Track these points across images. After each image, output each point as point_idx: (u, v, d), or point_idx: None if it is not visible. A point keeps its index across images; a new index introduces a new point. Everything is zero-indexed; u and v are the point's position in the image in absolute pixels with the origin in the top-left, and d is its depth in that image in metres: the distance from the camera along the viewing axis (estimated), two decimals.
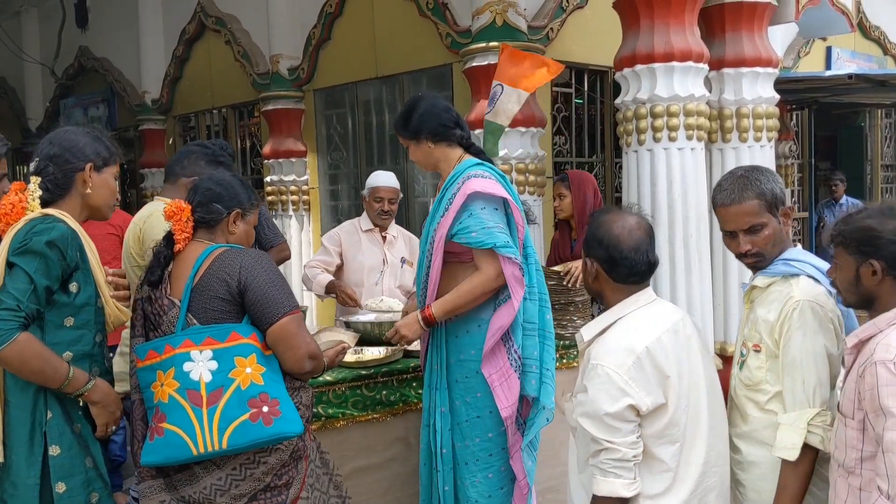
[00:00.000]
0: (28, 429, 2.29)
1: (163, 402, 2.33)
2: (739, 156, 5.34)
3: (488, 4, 5.55)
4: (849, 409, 2.07)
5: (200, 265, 2.41)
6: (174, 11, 8.71)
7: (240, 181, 2.62)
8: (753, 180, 2.47)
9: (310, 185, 7.49)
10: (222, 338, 2.33)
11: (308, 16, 7.13)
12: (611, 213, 2.43)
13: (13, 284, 2.23)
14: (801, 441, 2.27)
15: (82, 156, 2.44)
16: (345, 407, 3.17)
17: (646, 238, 2.38)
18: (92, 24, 10.07)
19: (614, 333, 2.32)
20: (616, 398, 2.20)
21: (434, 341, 3.09)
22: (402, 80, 6.56)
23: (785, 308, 2.35)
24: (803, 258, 2.42)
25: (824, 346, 2.31)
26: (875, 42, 9.18)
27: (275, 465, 2.38)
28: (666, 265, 5.01)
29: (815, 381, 2.31)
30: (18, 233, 2.28)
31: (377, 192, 4.58)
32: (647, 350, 2.24)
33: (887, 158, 9.96)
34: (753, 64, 5.32)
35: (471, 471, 3.00)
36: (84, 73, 10.32)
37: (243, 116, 8.47)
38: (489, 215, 2.94)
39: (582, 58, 6.21)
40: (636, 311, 2.35)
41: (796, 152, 8.31)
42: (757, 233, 2.45)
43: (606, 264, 2.35)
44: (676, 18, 4.87)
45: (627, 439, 2.21)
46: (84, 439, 2.37)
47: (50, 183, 2.40)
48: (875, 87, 6.51)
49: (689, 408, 2.29)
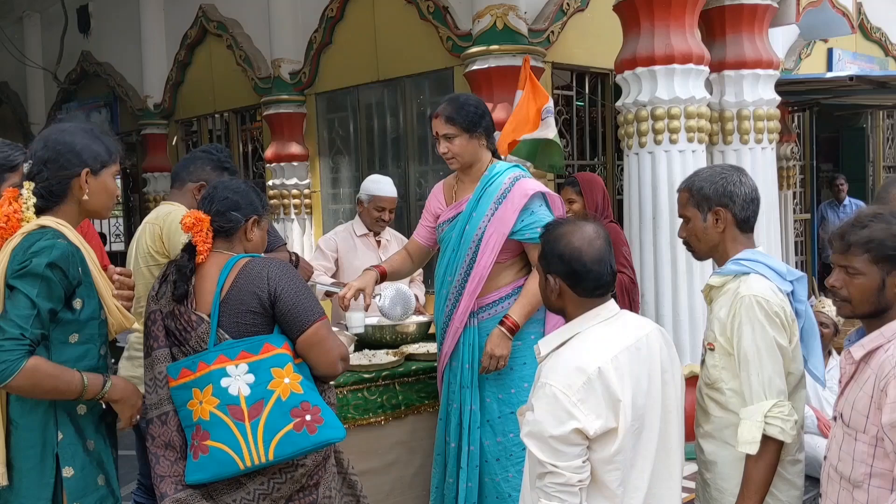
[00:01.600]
0: (39, 451, 2.20)
1: (203, 420, 2.31)
2: (741, 157, 5.35)
3: (489, 8, 5.56)
4: (860, 423, 2.02)
5: (226, 278, 2.39)
6: (176, 16, 8.73)
7: (252, 187, 2.61)
8: (697, 175, 2.53)
9: (311, 188, 7.50)
10: (256, 350, 2.33)
11: (309, 20, 7.15)
12: (566, 224, 2.30)
13: (15, 311, 2.13)
14: (759, 434, 2.28)
15: (78, 160, 2.29)
16: (347, 410, 3.18)
17: (607, 247, 2.26)
18: (94, 29, 10.10)
19: (568, 350, 2.21)
20: (562, 421, 2.08)
21: (465, 339, 3.15)
22: (403, 84, 6.57)
23: (733, 305, 2.37)
24: (755, 258, 2.43)
25: (773, 338, 2.32)
26: (876, 43, 9.18)
27: (311, 466, 2.40)
28: (667, 267, 5.01)
29: (769, 373, 2.32)
30: (16, 251, 2.18)
31: (380, 202, 4.55)
32: (599, 371, 2.11)
33: (889, 159, 9.95)
34: (754, 66, 5.34)
35: (503, 466, 3.08)
36: (86, 77, 10.34)
37: (245, 120, 8.48)
38: (546, 213, 3.10)
39: (583, 60, 6.22)
40: (595, 327, 2.24)
41: (798, 154, 8.30)
42: (686, 223, 2.53)
43: (570, 279, 2.23)
44: (677, 21, 4.89)
45: (572, 463, 2.09)
46: (97, 455, 2.30)
47: (44, 189, 2.27)
48: (876, 88, 6.51)
49: (643, 431, 2.19)
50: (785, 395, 2.33)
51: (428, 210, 3.47)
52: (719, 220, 2.45)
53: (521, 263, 3.20)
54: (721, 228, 2.46)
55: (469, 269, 3.13)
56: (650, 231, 5.03)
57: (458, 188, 3.33)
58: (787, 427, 2.29)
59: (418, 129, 6.55)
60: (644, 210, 5.05)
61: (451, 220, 3.26)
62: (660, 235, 5.00)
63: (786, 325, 2.37)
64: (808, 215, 8.47)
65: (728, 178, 2.47)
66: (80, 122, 2.41)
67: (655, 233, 5.01)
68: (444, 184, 3.44)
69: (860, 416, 2.02)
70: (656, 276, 5.05)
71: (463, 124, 3.15)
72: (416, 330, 3.83)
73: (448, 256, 3.22)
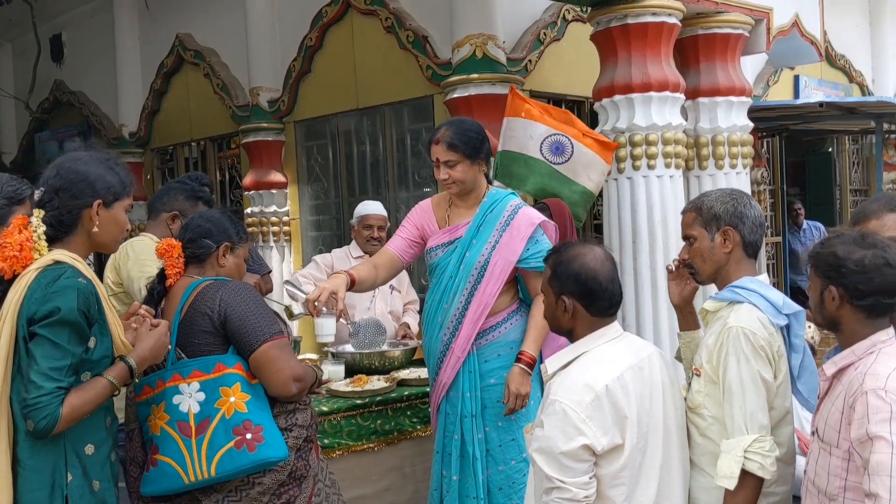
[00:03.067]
0: (47, 493, 2.16)
1: (156, 435, 2.44)
2: (716, 182, 5.45)
3: (468, 37, 5.65)
4: (833, 438, 2.09)
5: (186, 300, 2.51)
6: (151, 45, 8.73)
7: (229, 217, 2.74)
8: (705, 195, 2.55)
9: (291, 216, 7.52)
10: (208, 369, 2.42)
11: (288, 49, 7.20)
12: (578, 247, 2.41)
13: (47, 363, 2.09)
14: (738, 469, 2.26)
15: (91, 191, 2.27)
16: (340, 437, 3.20)
17: (615, 268, 2.40)
18: (67, 58, 10.06)
19: (576, 368, 2.28)
20: (571, 437, 2.15)
21: (466, 367, 3.13)
22: (382, 112, 6.63)
23: (721, 334, 2.36)
24: (751, 286, 2.41)
25: (758, 372, 2.30)
26: (841, 70, 9.42)
27: (271, 485, 2.45)
28: (647, 291, 5.08)
29: (752, 407, 2.29)
30: (33, 288, 2.14)
31: (367, 220, 4.69)
32: (606, 388, 2.19)
33: (855, 183, 10.18)
34: (727, 93, 5.46)
35: (507, 495, 3.06)
36: (59, 106, 10.29)
37: (222, 148, 8.49)
38: (547, 242, 3.16)
39: (559, 88, 6.33)
40: (602, 346, 2.31)
41: (768, 178, 8.49)
42: (690, 244, 2.52)
43: (585, 299, 2.31)
44: (653, 50, 5.00)
45: (580, 479, 2.16)
46: (101, 496, 2.27)
47: (54, 218, 2.24)
48: (844, 114, 6.69)
49: (647, 449, 2.25)
50: (767, 430, 2.32)
51: (412, 223, 3.39)
52: (727, 241, 2.46)
53: (514, 290, 3.25)
54: (728, 249, 2.46)
55: (470, 296, 3.11)
56: (630, 255, 5.10)
57: (451, 212, 3.31)
58: (767, 463, 2.27)
59: (398, 157, 6.60)
60: (624, 234, 5.13)
61: (447, 245, 3.24)
62: (640, 259, 5.08)
63: (772, 360, 2.35)
64: (780, 238, 8.63)
65: (739, 199, 2.50)
66: (96, 151, 2.41)
67: (635, 256, 5.09)
68: (435, 203, 3.40)
69: (833, 432, 2.10)
70: (637, 299, 5.12)
71: (465, 151, 3.15)
72: (402, 355, 3.87)
73: (445, 283, 3.19)
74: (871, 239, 2.15)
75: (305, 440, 2.54)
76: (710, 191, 2.61)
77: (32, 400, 2.07)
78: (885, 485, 1.91)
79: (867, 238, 2.15)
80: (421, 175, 6.42)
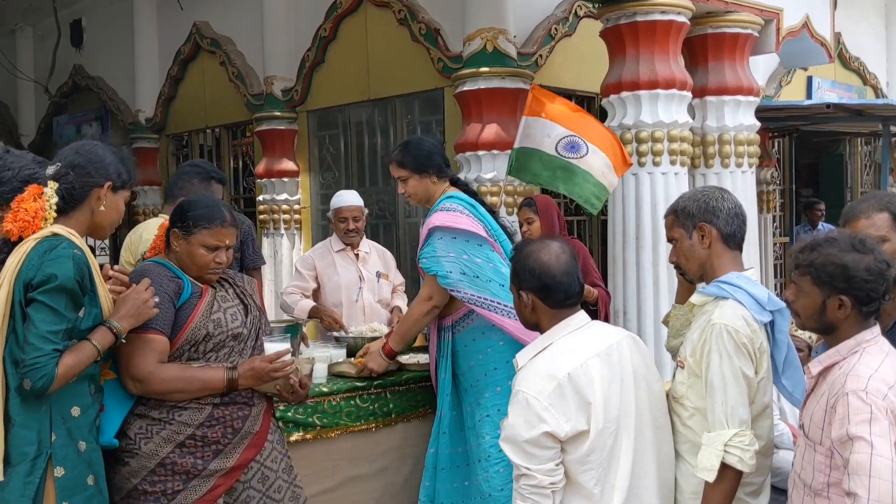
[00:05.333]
0: (34, 448, 2.29)
1: None
2: (721, 181, 5.50)
3: (479, 31, 5.72)
4: (816, 436, 2.15)
5: None
6: (169, 32, 8.84)
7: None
8: (679, 198, 2.60)
9: (301, 204, 7.61)
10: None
11: (302, 39, 7.29)
12: (533, 244, 2.51)
13: (45, 326, 2.25)
14: (718, 462, 2.30)
15: (104, 172, 2.45)
16: (339, 417, 3.28)
17: (572, 261, 2.45)
18: (87, 43, 10.19)
19: (540, 359, 2.37)
20: (533, 425, 2.23)
21: (441, 352, 3.39)
22: (394, 103, 6.71)
23: (705, 330, 2.40)
24: (736, 282, 2.44)
25: (740, 368, 2.34)
26: (855, 72, 9.41)
27: (137, 468, 2.55)
28: (650, 286, 5.14)
29: (733, 402, 2.33)
30: (31, 255, 2.29)
31: (340, 213, 4.72)
32: (568, 376, 2.26)
33: (867, 186, 10.17)
34: (735, 92, 5.50)
35: (483, 467, 3.22)
36: (78, 91, 10.41)
37: (236, 136, 8.59)
38: (439, 245, 3.31)
39: (569, 84, 6.38)
40: (567, 336, 2.39)
41: (778, 178, 8.51)
42: (675, 246, 2.57)
43: (541, 292, 2.41)
44: (661, 48, 5.05)
45: (544, 466, 2.23)
46: (87, 456, 2.39)
47: (65, 192, 2.39)
48: (852, 116, 6.71)
49: (619, 433, 2.31)
50: (747, 425, 2.35)
51: None
52: (704, 237, 2.49)
53: None
54: (707, 244, 2.49)
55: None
56: (633, 251, 5.16)
57: None
58: (746, 457, 2.31)
59: None
60: (628, 230, 5.19)
61: None
62: (643, 255, 5.13)
63: (753, 357, 2.39)
64: (787, 238, 8.66)
65: (710, 194, 2.55)
66: (109, 145, 2.59)
67: (638, 252, 5.14)
68: None
69: (817, 429, 2.15)
70: (639, 295, 5.18)
71: (412, 166, 3.45)
72: None
73: None
74: (867, 243, 2.17)
75: (199, 441, 2.57)
76: (685, 192, 2.67)
77: (31, 360, 2.22)
78: (864, 484, 1.96)
79: (864, 242, 2.17)
80: None
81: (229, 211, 2.74)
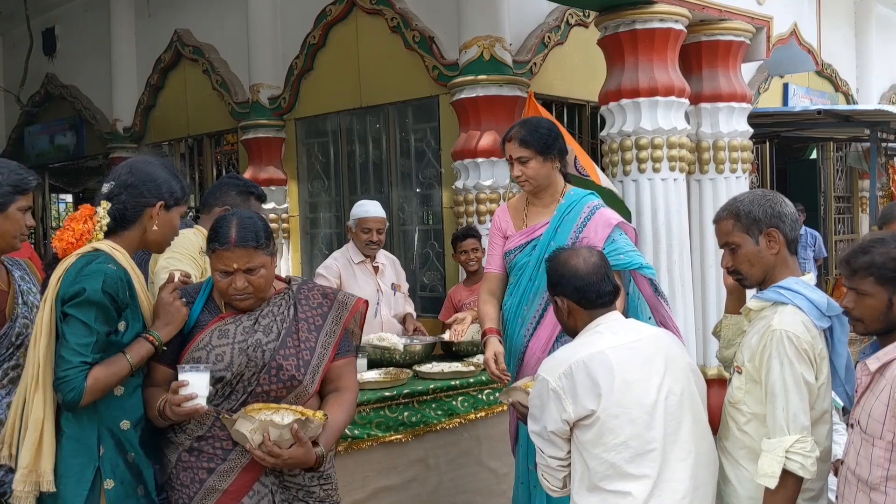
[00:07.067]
0: (84, 460, 2.31)
1: None
2: (717, 187, 5.58)
3: (476, 39, 5.73)
4: (876, 430, 2.17)
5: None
6: (148, 40, 8.73)
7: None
8: (738, 200, 2.55)
9: (289, 213, 7.55)
10: None
11: (290, 46, 7.23)
12: (564, 252, 2.63)
13: (75, 339, 2.26)
14: (779, 469, 2.30)
15: (157, 192, 2.45)
16: (369, 428, 3.26)
17: (601, 263, 2.56)
18: (60, 52, 10.02)
19: (564, 347, 2.53)
20: (544, 400, 2.41)
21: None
22: (387, 111, 6.68)
23: (764, 336, 2.39)
24: (795, 288, 2.43)
25: (801, 374, 2.34)
26: (827, 79, 9.61)
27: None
28: None
29: (795, 409, 2.33)
30: (68, 274, 2.30)
31: (365, 223, 4.62)
32: (582, 361, 2.37)
33: (840, 190, 10.38)
34: (729, 99, 5.59)
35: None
36: (50, 100, 10.23)
37: (219, 144, 8.49)
38: (625, 241, 3.20)
39: (561, 92, 6.43)
40: (595, 329, 2.50)
41: (758, 184, 8.66)
42: (733, 251, 2.51)
43: (573, 295, 2.52)
44: (659, 55, 5.11)
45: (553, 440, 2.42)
46: (137, 467, 2.39)
47: (118, 212, 2.40)
48: (839, 121, 6.84)
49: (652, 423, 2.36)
50: (808, 432, 2.34)
51: (496, 234, 3.43)
52: (773, 242, 2.47)
53: None
54: (775, 250, 2.47)
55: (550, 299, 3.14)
56: None
57: (528, 212, 3.34)
58: (808, 463, 2.30)
59: (401, 156, 6.66)
60: None
61: (525, 245, 3.28)
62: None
63: (814, 363, 2.38)
64: None
65: (773, 199, 2.53)
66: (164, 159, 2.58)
67: None
68: (511, 207, 3.44)
69: (876, 424, 2.18)
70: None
71: (537, 147, 3.20)
72: (422, 350, 3.95)
73: (524, 285, 3.23)
74: None
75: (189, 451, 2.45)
76: (739, 195, 2.63)
77: (61, 373, 2.24)
78: None
79: None
80: (424, 175, 6.48)
81: (246, 229, 2.42)
